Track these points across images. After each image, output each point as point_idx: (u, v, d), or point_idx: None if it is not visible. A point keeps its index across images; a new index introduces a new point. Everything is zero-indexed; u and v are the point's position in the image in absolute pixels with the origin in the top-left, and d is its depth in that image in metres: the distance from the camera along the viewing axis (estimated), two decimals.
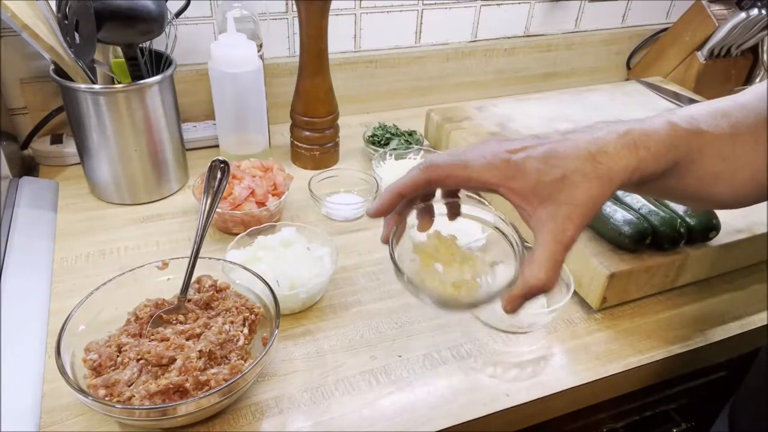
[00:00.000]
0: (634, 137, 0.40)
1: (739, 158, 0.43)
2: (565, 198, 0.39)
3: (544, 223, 0.40)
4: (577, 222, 0.39)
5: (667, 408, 0.76)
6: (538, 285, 0.40)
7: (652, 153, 0.40)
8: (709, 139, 0.42)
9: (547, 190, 0.39)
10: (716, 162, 0.43)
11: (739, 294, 0.71)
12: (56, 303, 0.64)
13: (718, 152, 0.42)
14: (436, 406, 0.56)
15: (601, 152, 0.39)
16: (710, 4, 1.14)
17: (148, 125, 0.77)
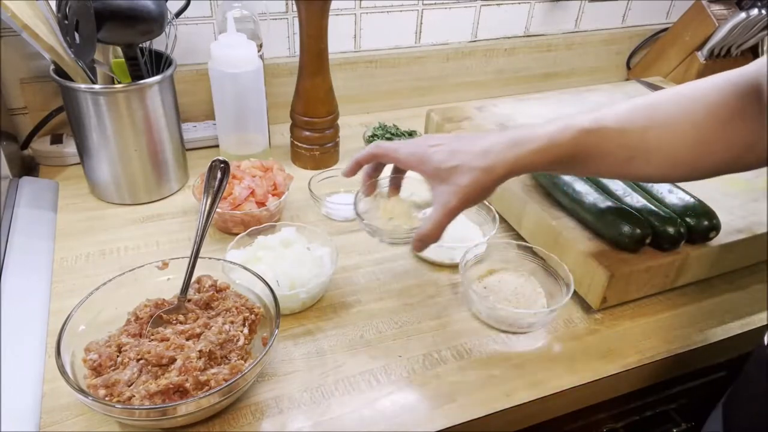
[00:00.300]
0: (517, 138, 0.53)
1: (651, 144, 0.53)
2: (455, 180, 0.53)
3: (438, 196, 0.55)
4: (459, 196, 0.53)
5: (667, 408, 0.76)
6: (426, 233, 0.55)
7: (529, 150, 0.52)
8: (610, 134, 0.53)
9: (444, 174, 0.54)
10: (620, 150, 0.53)
11: (739, 294, 0.71)
12: (56, 303, 0.64)
13: (621, 143, 0.53)
14: (436, 406, 0.56)
15: (488, 151, 0.53)
16: (710, 4, 1.14)
17: (148, 125, 0.77)
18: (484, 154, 0.53)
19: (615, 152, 0.53)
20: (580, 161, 0.54)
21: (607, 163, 0.54)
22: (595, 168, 0.56)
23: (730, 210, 0.74)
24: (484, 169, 0.53)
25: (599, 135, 0.53)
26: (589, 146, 0.53)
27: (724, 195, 0.77)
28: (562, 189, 0.72)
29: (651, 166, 0.54)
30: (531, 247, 0.71)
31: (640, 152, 0.53)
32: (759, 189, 0.80)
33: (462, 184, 0.53)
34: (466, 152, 0.54)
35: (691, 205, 0.68)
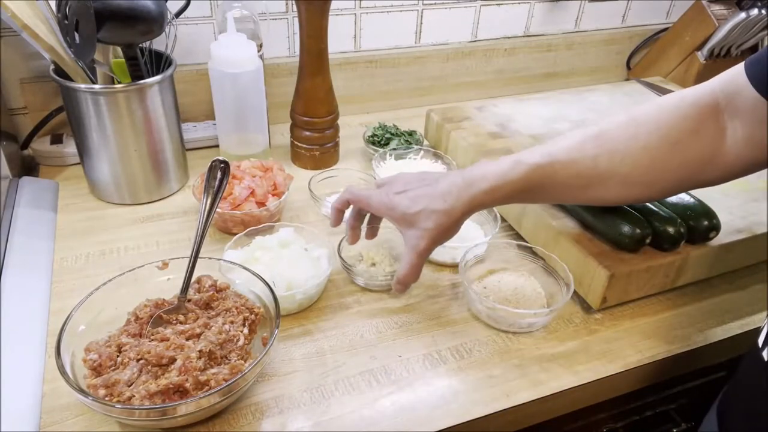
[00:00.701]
0: (471, 179, 0.57)
1: (603, 171, 0.55)
2: (421, 224, 0.58)
3: (408, 239, 0.60)
4: (427, 239, 0.58)
5: (667, 408, 0.76)
6: (403, 275, 0.61)
7: (481, 190, 0.57)
8: (559, 166, 0.56)
9: (410, 219, 0.59)
10: (574, 180, 0.56)
11: (739, 294, 0.71)
12: (56, 303, 0.64)
13: (574, 173, 0.56)
14: (436, 406, 0.56)
15: (447, 193, 0.58)
16: (710, 4, 1.14)
17: (148, 125, 0.77)
18: (443, 198, 0.57)
19: (569, 182, 0.56)
20: (535, 193, 0.58)
21: (563, 192, 0.58)
22: (552, 197, 0.60)
23: (730, 210, 0.74)
24: (444, 212, 0.57)
25: (550, 168, 0.56)
26: (541, 180, 0.56)
27: (724, 195, 0.77)
28: None
29: (608, 191, 0.57)
30: (531, 247, 0.71)
31: (594, 180, 0.56)
32: (759, 189, 0.80)
33: (427, 227, 0.58)
34: (427, 197, 0.58)
35: (691, 205, 0.68)
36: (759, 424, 0.47)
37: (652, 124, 0.54)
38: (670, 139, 0.53)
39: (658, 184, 0.56)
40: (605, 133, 0.56)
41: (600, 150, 0.55)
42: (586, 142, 0.56)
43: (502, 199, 0.58)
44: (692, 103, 0.53)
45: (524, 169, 0.56)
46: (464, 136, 0.89)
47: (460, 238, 0.72)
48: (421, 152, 0.90)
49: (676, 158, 0.54)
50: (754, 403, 0.48)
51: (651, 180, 0.55)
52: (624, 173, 0.55)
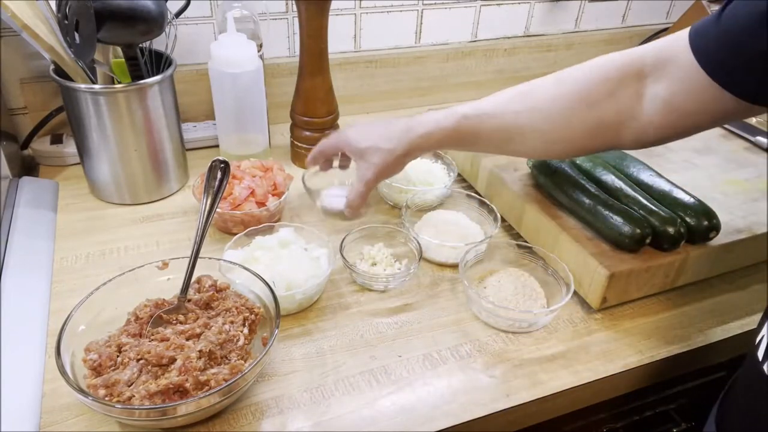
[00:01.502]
0: (411, 125, 0.64)
1: (523, 126, 0.59)
2: (368, 158, 0.65)
3: (359, 169, 0.67)
4: (374, 171, 0.65)
5: (667, 408, 0.76)
6: (351, 200, 0.67)
7: (418, 135, 0.63)
8: (486, 118, 0.61)
9: (360, 152, 0.66)
10: (497, 133, 0.61)
11: (739, 294, 0.71)
12: (56, 303, 0.64)
13: (497, 126, 0.60)
14: (436, 406, 0.56)
15: (392, 136, 0.64)
16: (710, 4, 1.14)
17: (148, 125, 0.77)
18: (388, 139, 0.64)
19: (493, 134, 0.61)
20: (464, 142, 0.64)
21: (488, 143, 0.63)
22: (477, 147, 0.65)
23: (730, 210, 0.74)
24: (388, 151, 0.64)
25: (477, 120, 0.61)
26: (469, 130, 0.62)
27: (724, 195, 0.78)
28: (562, 189, 0.72)
29: (528, 146, 0.61)
30: (531, 247, 0.71)
31: (515, 134, 0.60)
32: (759, 189, 0.80)
33: (374, 162, 0.65)
34: (376, 135, 0.65)
35: (691, 205, 0.68)
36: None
37: (574, 85, 0.57)
38: (588, 100, 0.56)
39: (575, 143, 0.58)
40: (532, 90, 0.60)
41: (523, 107, 0.59)
42: (513, 98, 0.61)
43: (436, 144, 0.64)
44: (617, 67, 0.55)
45: (455, 118, 0.62)
46: None
47: (460, 238, 0.72)
48: None
49: (591, 119, 0.56)
50: (755, 418, 0.48)
51: (568, 138, 0.58)
52: (543, 130, 0.58)
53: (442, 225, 0.75)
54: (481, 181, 0.84)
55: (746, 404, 0.50)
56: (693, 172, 0.84)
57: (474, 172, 0.85)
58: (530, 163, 0.79)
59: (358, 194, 0.66)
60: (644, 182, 0.73)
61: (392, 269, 0.70)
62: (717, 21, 0.47)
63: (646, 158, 0.79)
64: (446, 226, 0.75)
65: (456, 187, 0.85)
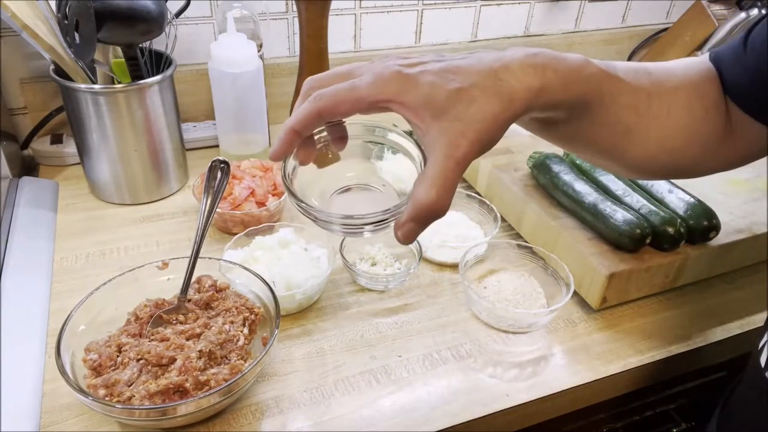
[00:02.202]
0: (543, 58, 0.37)
1: (653, 117, 0.43)
2: (460, 113, 0.35)
3: (436, 140, 0.35)
4: (471, 137, 0.35)
5: (667, 408, 0.76)
6: (428, 203, 0.35)
7: (561, 77, 0.37)
8: (624, 87, 0.42)
9: (440, 103, 0.35)
10: (628, 112, 0.43)
11: (739, 294, 0.71)
12: (56, 303, 0.64)
13: (631, 102, 0.43)
14: (436, 406, 0.56)
15: (504, 68, 0.36)
16: (710, 4, 1.14)
17: (148, 125, 0.77)
18: (494, 74, 0.36)
19: (622, 112, 0.43)
20: (590, 111, 0.41)
21: (613, 123, 0.43)
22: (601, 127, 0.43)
23: (730, 210, 0.74)
24: (500, 94, 0.35)
25: (614, 82, 0.42)
26: (604, 93, 0.41)
27: (724, 195, 0.77)
28: (562, 189, 0.72)
29: (643, 146, 0.45)
30: (531, 247, 0.71)
31: (642, 119, 0.43)
32: (759, 189, 0.80)
33: (473, 118, 0.35)
34: (465, 70, 0.36)
35: (691, 205, 0.68)
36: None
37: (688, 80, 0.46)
38: (703, 102, 0.45)
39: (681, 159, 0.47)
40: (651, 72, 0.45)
41: (651, 87, 0.44)
42: (639, 72, 0.44)
43: (571, 99, 0.39)
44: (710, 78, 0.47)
45: (595, 70, 0.40)
46: None
47: (460, 238, 0.72)
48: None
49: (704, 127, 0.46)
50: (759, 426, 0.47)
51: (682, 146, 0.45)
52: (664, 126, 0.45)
53: (442, 225, 0.75)
54: (481, 181, 0.84)
55: (749, 411, 0.49)
56: None
57: (474, 172, 0.85)
58: (530, 163, 0.79)
59: (443, 186, 0.35)
60: (644, 182, 0.73)
61: (392, 269, 0.70)
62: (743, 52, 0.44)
63: None
64: (446, 226, 0.75)
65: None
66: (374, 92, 0.36)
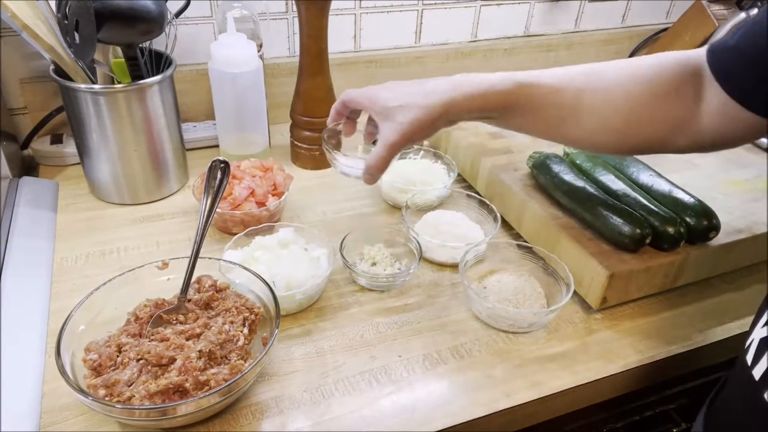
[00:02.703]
0: (459, 82, 0.57)
1: (585, 108, 0.55)
2: (397, 118, 0.57)
3: (382, 132, 0.58)
4: (400, 132, 0.56)
5: (667, 408, 0.76)
6: (371, 165, 0.59)
7: (465, 97, 0.56)
8: (545, 92, 0.56)
9: (388, 112, 0.58)
10: (552, 109, 0.56)
11: (739, 294, 0.71)
12: (56, 303, 0.64)
13: (553, 102, 0.56)
14: (436, 406, 0.56)
15: (430, 92, 0.56)
16: (710, 4, 1.14)
17: (148, 125, 0.77)
18: (424, 95, 0.56)
19: (547, 110, 0.56)
20: (513, 113, 0.57)
21: (540, 119, 0.57)
22: (528, 123, 0.59)
23: (730, 210, 0.74)
24: (424, 108, 0.56)
25: (534, 89, 0.56)
26: (522, 99, 0.56)
27: (724, 195, 0.78)
28: (562, 189, 0.72)
29: (581, 129, 0.56)
30: (531, 247, 0.71)
31: (571, 113, 0.56)
32: (759, 189, 0.80)
33: (402, 121, 0.56)
34: (409, 93, 0.57)
35: (691, 205, 0.68)
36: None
37: (640, 75, 0.54)
38: (653, 93, 0.54)
39: (631, 137, 0.56)
40: (598, 71, 0.56)
41: (586, 86, 0.55)
42: (575, 75, 0.56)
43: (481, 109, 0.57)
44: (681, 63, 0.54)
45: (510, 83, 0.55)
46: (464, 136, 0.89)
47: (460, 237, 0.72)
48: (421, 152, 0.90)
49: (653, 111, 0.54)
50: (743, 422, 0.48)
51: (625, 129, 0.55)
52: (602, 115, 0.55)
53: (442, 225, 0.75)
54: (481, 181, 0.84)
55: (733, 408, 0.49)
56: (693, 172, 0.84)
57: (474, 172, 0.85)
58: (530, 163, 0.79)
59: (380, 158, 0.58)
60: (644, 182, 0.73)
61: (392, 269, 0.70)
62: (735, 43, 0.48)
63: (645, 158, 0.79)
64: (446, 226, 0.75)
65: (456, 187, 0.85)
66: (360, 100, 0.62)
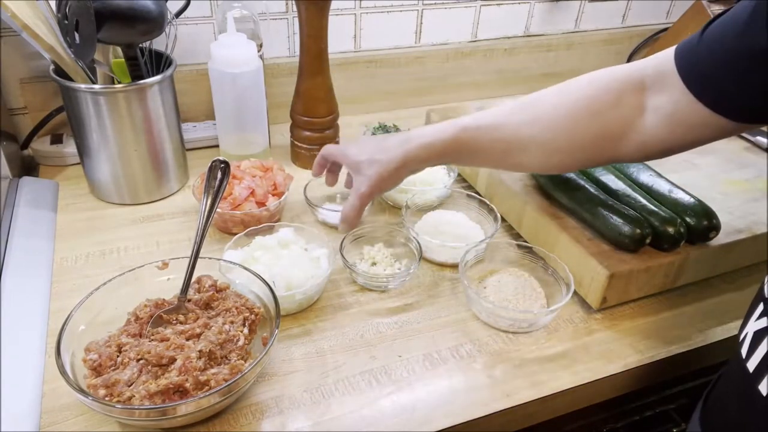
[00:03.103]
0: (409, 137, 0.64)
1: (524, 137, 0.59)
2: (365, 171, 0.64)
3: (355, 183, 0.66)
4: (368, 184, 0.64)
5: (667, 408, 0.76)
6: (345, 214, 0.66)
7: (416, 146, 0.62)
8: (486, 130, 0.60)
9: (357, 166, 0.66)
10: (496, 144, 0.61)
11: (739, 294, 0.71)
12: (56, 303, 0.64)
13: (497, 137, 0.60)
14: (436, 406, 0.56)
15: (389, 147, 0.64)
16: (710, 4, 1.14)
17: (148, 125, 0.77)
18: (384, 150, 0.64)
19: (492, 146, 0.61)
20: (462, 154, 0.63)
21: (487, 156, 0.62)
22: (477, 160, 0.65)
23: (730, 210, 0.74)
24: (383, 162, 0.63)
25: (477, 132, 0.61)
26: (468, 142, 0.61)
27: (724, 195, 0.78)
28: (562, 189, 0.72)
29: (528, 158, 0.60)
30: (531, 247, 0.71)
31: (514, 145, 0.60)
32: (759, 189, 0.80)
33: (369, 174, 0.64)
34: (371, 149, 0.65)
35: (691, 205, 0.68)
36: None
37: (578, 93, 0.57)
38: (590, 110, 0.56)
39: (577, 154, 0.58)
40: (534, 101, 0.60)
41: (525, 117, 0.59)
42: (514, 110, 0.61)
43: (435, 157, 0.63)
44: (619, 78, 0.55)
45: (454, 130, 0.61)
46: None
47: (460, 237, 0.72)
48: None
49: (594, 128, 0.56)
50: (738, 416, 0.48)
51: (570, 148, 0.58)
52: (544, 140, 0.58)
53: (442, 225, 0.75)
54: (481, 181, 0.84)
55: (730, 402, 0.50)
56: (693, 172, 0.84)
57: (474, 172, 0.85)
58: None
59: (352, 208, 0.65)
60: (644, 182, 0.73)
61: (392, 269, 0.70)
62: (699, 40, 0.49)
63: None
64: (446, 226, 0.75)
65: (456, 187, 0.85)
66: (335, 153, 0.71)
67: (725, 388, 0.51)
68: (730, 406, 0.49)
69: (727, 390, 0.51)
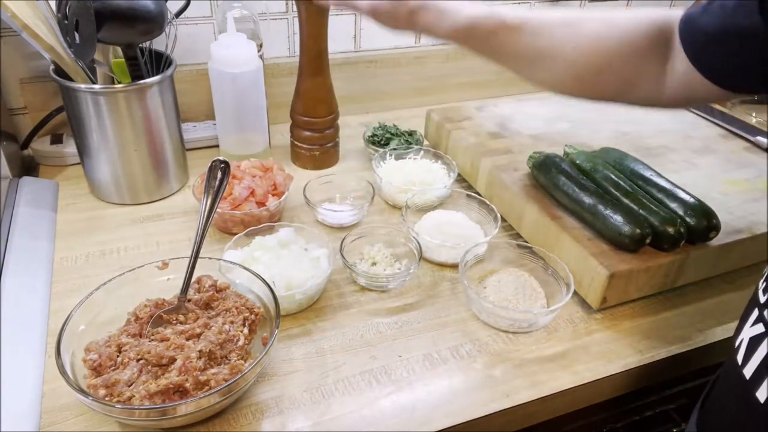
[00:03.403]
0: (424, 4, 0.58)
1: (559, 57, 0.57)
2: None
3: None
4: None
5: (667, 408, 0.76)
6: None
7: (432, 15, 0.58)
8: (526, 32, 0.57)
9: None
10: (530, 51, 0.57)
11: (739, 294, 0.71)
12: (56, 303, 0.64)
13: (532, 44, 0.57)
14: (436, 406, 0.56)
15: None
16: None
17: (148, 125, 0.77)
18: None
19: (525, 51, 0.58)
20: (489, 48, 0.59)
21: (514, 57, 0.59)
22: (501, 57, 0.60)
23: (729, 210, 0.74)
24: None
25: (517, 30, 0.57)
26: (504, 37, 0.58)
27: (724, 195, 0.78)
28: (562, 189, 0.72)
29: (551, 73, 0.58)
30: (531, 247, 0.71)
31: (546, 58, 0.57)
32: (759, 189, 0.80)
33: None
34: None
35: (691, 205, 0.68)
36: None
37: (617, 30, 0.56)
38: (625, 47, 0.55)
39: (596, 87, 0.58)
40: (580, 23, 0.57)
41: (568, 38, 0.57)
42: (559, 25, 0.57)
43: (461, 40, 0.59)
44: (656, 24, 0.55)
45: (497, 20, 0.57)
46: (464, 136, 0.89)
47: (460, 237, 0.72)
48: (421, 152, 0.90)
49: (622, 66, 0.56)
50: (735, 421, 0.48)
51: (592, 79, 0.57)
52: (576, 65, 0.57)
53: (442, 225, 0.75)
54: (481, 181, 0.84)
55: (727, 407, 0.50)
56: (693, 172, 0.84)
57: (474, 172, 0.85)
58: (530, 163, 0.79)
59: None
60: (644, 182, 0.73)
61: (392, 269, 0.70)
62: (704, 10, 0.50)
63: (646, 158, 0.79)
64: (446, 226, 0.75)
65: (456, 187, 0.85)
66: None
67: (722, 392, 0.51)
68: (727, 411, 0.49)
69: (723, 394, 0.51)
